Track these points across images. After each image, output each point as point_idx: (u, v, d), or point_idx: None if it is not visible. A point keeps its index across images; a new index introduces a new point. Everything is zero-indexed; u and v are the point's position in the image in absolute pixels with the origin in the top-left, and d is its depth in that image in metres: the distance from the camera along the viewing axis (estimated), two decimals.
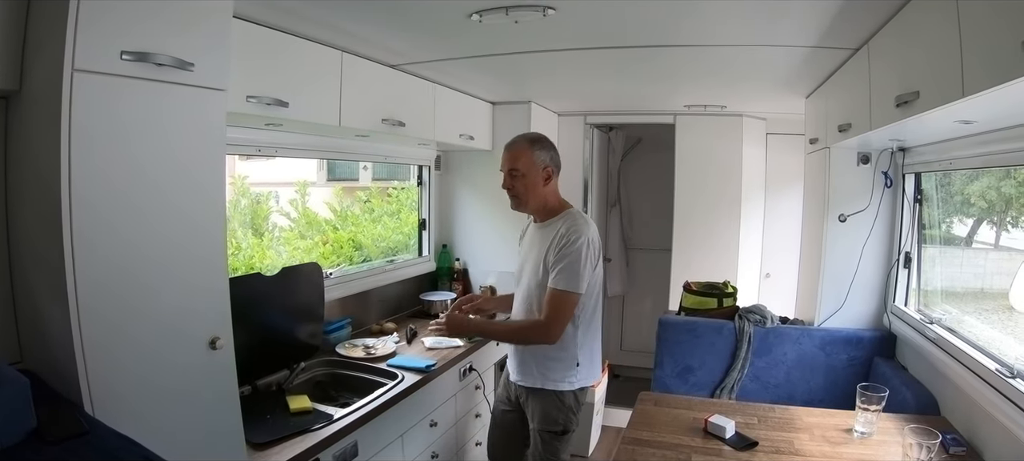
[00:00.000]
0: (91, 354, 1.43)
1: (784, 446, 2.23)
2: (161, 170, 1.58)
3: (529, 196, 2.55)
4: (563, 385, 2.51)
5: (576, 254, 2.38)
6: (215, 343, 1.71)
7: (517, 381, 2.62)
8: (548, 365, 2.51)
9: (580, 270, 2.39)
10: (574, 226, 2.45)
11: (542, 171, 2.54)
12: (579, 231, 2.43)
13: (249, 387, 2.43)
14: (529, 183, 2.53)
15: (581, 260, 2.39)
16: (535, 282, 2.51)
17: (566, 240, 2.41)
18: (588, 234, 2.44)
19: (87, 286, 1.42)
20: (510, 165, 2.53)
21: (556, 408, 2.52)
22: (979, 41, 1.48)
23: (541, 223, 2.60)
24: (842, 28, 2.30)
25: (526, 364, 2.57)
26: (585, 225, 2.48)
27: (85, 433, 1.30)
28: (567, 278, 2.38)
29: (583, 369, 2.55)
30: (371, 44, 2.73)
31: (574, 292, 2.40)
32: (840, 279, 3.19)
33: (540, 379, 2.53)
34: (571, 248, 2.39)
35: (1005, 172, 2.42)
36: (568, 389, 2.52)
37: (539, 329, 2.44)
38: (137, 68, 1.48)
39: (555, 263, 2.40)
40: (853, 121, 2.59)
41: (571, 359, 2.51)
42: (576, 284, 2.39)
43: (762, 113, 4.56)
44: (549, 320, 2.41)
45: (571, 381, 2.52)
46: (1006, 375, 1.97)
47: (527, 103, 4.25)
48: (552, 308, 2.41)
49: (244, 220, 3.33)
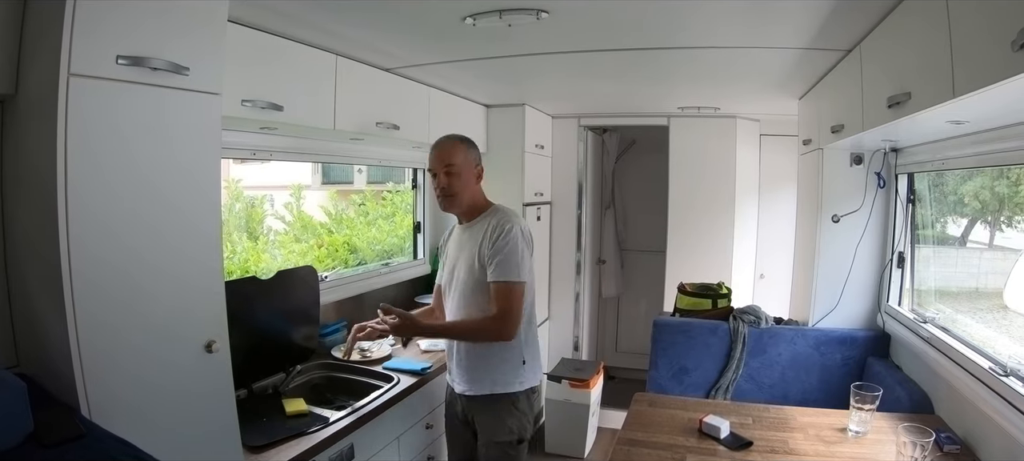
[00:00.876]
0: (88, 358, 1.43)
1: (779, 446, 2.23)
2: (157, 174, 1.58)
3: (464, 194, 2.44)
4: (514, 386, 2.41)
5: (512, 243, 2.31)
6: (211, 346, 1.71)
7: (465, 391, 2.47)
8: (496, 367, 2.41)
9: (519, 259, 2.32)
10: (505, 217, 2.39)
11: (475, 168, 2.48)
12: (511, 221, 2.37)
13: (245, 390, 2.43)
14: (464, 181, 2.44)
15: (518, 249, 2.32)
16: (472, 281, 2.40)
17: (499, 231, 2.33)
18: (520, 224, 2.38)
19: (83, 290, 1.42)
20: (446, 162, 2.41)
21: (509, 414, 2.41)
22: (969, 42, 1.49)
23: (468, 223, 2.51)
24: (834, 30, 2.31)
25: (475, 370, 2.44)
26: (515, 216, 2.42)
27: (82, 436, 1.30)
28: (507, 268, 2.30)
29: (529, 368, 2.46)
30: (365, 47, 2.73)
31: (518, 280, 2.31)
32: (834, 279, 3.20)
33: (489, 384, 2.41)
34: (507, 238, 2.31)
35: (999, 172, 2.43)
36: (519, 390, 2.42)
37: (492, 324, 2.32)
38: (132, 72, 1.48)
39: (492, 256, 2.32)
40: (846, 122, 2.60)
41: (516, 357, 2.42)
42: (518, 272, 2.31)
43: (755, 115, 4.58)
44: (501, 313, 2.30)
45: (521, 381, 2.43)
46: (1000, 373, 1.98)
47: (521, 106, 4.26)
48: (500, 301, 2.30)
49: (239, 223, 3.33)
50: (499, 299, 2.30)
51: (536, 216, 4.58)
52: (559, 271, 5.04)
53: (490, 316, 2.32)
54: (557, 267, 5.04)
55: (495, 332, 2.34)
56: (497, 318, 2.30)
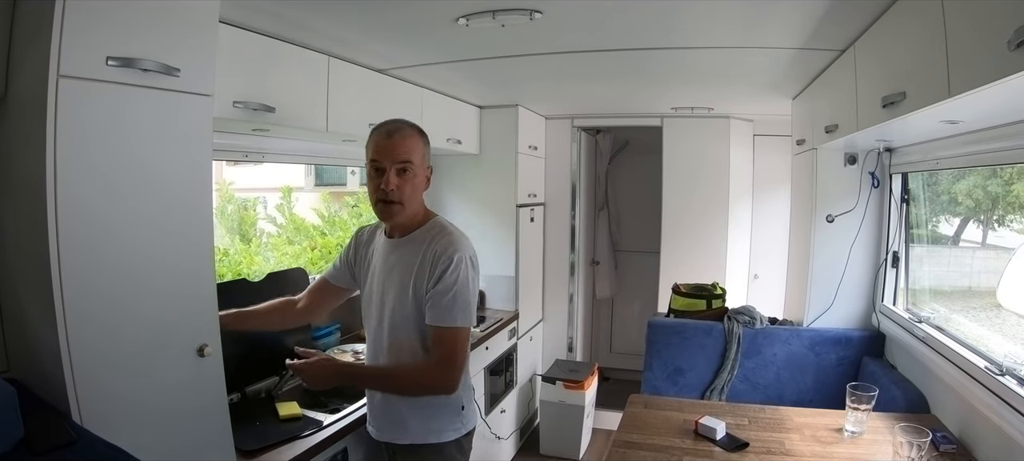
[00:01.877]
0: (78, 363, 1.41)
1: (775, 446, 2.23)
2: (148, 176, 1.56)
3: (414, 200, 2.01)
4: (448, 434, 2.03)
5: (462, 280, 1.91)
6: (203, 350, 1.69)
7: (392, 439, 2.07)
8: (431, 414, 2.02)
9: (470, 299, 1.94)
10: (450, 243, 1.95)
11: (427, 171, 2.06)
12: (458, 249, 1.94)
13: (238, 394, 2.40)
14: (417, 184, 2.00)
15: (468, 287, 1.93)
16: (403, 312, 1.98)
17: (447, 263, 1.90)
18: (467, 252, 1.96)
19: (74, 294, 1.40)
20: (403, 157, 1.94)
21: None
22: (964, 41, 1.49)
23: (400, 238, 2.06)
24: (828, 30, 2.31)
25: (399, 415, 2.03)
26: (462, 239, 2.00)
27: (73, 442, 1.29)
28: (454, 311, 1.90)
29: (468, 411, 2.10)
30: (358, 49, 2.72)
31: (466, 327, 1.94)
32: (828, 279, 3.20)
33: (421, 432, 2.02)
34: (455, 274, 1.90)
35: (991, 171, 2.44)
36: (455, 437, 2.05)
37: (432, 376, 1.94)
38: (123, 74, 1.46)
39: (438, 294, 1.90)
40: (840, 122, 2.60)
41: (456, 402, 2.05)
42: (468, 317, 1.93)
43: (749, 115, 4.59)
44: (444, 363, 1.91)
45: (457, 428, 2.06)
46: (995, 373, 1.98)
47: (514, 107, 4.25)
48: (445, 350, 1.91)
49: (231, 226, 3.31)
50: (441, 345, 1.92)
51: (529, 217, 4.57)
52: (553, 272, 5.04)
53: (430, 365, 1.95)
54: (551, 268, 5.04)
55: (436, 385, 1.96)
56: (435, 369, 1.93)
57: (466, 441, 2.12)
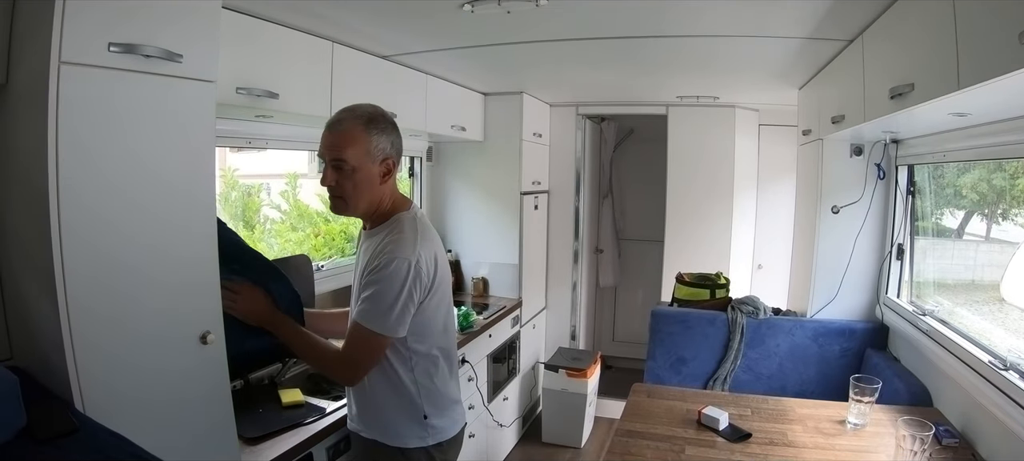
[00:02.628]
0: (81, 351, 1.42)
1: (778, 438, 2.23)
2: (150, 163, 1.56)
3: (359, 198, 1.86)
4: (411, 441, 1.92)
5: (387, 282, 1.76)
6: (206, 338, 1.69)
7: (353, 428, 2.03)
8: (389, 415, 1.93)
9: (387, 304, 1.77)
10: (397, 244, 1.80)
11: (380, 164, 1.86)
12: (400, 251, 1.78)
13: (241, 381, 2.41)
14: (360, 181, 1.83)
15: (391, 291, 1.76)
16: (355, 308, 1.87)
17: (379, 262, 1.78)
18: (411, 256, 1.78)
19: (76, 282, 1.40)
20: (334, 154, 1.81)
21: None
22: (975, 33, 1.47)
23: (370, 230, 1.96)
24: (836, 20, 2.30)
25: (365, 408, 1.97)
26: (410, 241, 1.82)
27: (75, 431, 1.29)
28: (369, 313, 1.78)
29: (435, 422, 1.95)
30: (362, 34, 2.71)
31: (377, 333, 1.78)
32: (833, 271, 3.20)
33: (379, 429, 1.94)
34: (381, 274, 1.76)
35: (996, 164, 2.43)
36: (418, 445, 1.93)
37: (337, 364, 1.88)
38: (125, 60, 1.45)
39: (362, 288, 1.81)
40: (846, 113, 2.59)
41: (415, 410, 1.92)
42: (380, 323, 1.77)
43: (755, 104, 4.56)
44: (345, 357, 1.85)
45: (421, 437, 1.93)
46: (999, 367, 1.97)
47: (519, 94, 4.23)
48: (349, 344, 1.84)
49: (235, 212, 3.31)
50: (349, 340, 1.84)
51: (533, 205, 4.56)
52: (556, 260, 5.04)
53: (337, 355, 1.89)
54: (554, 256, 5.03)
55: (337, 373, 1.94)
56: (340, 360, 1.87)
57: (437, 452, 1.96)
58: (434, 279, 1.87)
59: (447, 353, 2.01)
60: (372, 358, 1.83)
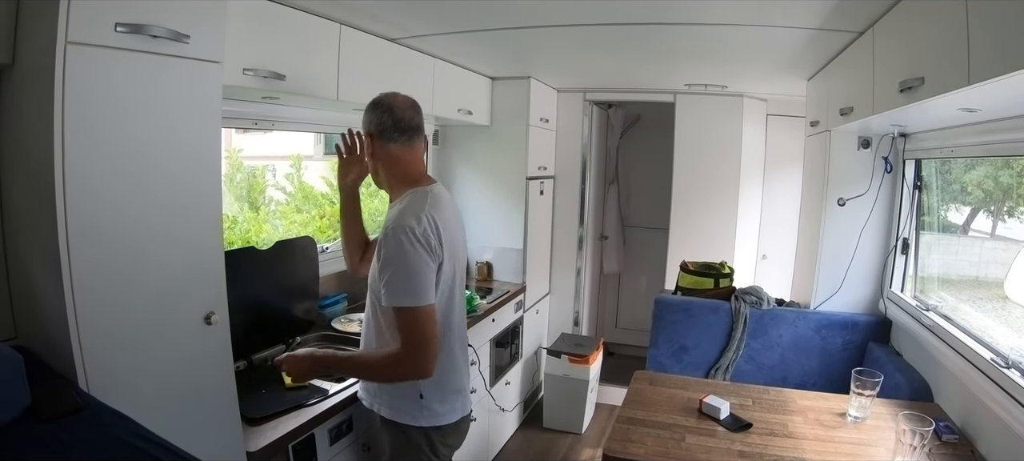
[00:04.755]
0: (85, 330, 1.42)
1: (778, 428, 2.24)
2: (156, 144, 1.56)
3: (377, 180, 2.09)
4: (407, 419, 1.99)
5: (395, 252, 1.81)
6: (210, 318, 1.71)
7: (364, 402, 2.13)
8: (387, 389, 2.02)
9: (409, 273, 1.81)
10: (395, 218, 1.87)
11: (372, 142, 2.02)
12: (397, 224, 1.84)
13: (244, 362, 2.43)
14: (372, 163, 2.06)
15: (404, 260, 1.80)
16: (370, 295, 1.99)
17: (383, 236, 1.86)
18: (404, 229, 1.82)
19: (81, 261, 1.41)
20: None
21: (402, 448, 2.02)
22: (987, 28, 1.46)
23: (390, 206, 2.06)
24: (847, 11, 2.27)
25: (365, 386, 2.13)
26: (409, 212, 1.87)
27: (79, 410, 1.31)
28: (398, 289, 1.81)
29: (431, 404, 1.99)
30: (370, 17, 2.69)
31: (416, 306, 1.81)
32: (837, 263, 3.19)
33: (384, 405, 2.03)
34: (388, 247, 1.82)
35: (1004, 162, 2.41)
36: (412, 425, 1.99)
37: (401, 363, 1.85)
38: (131, 40, 1.45)
39: (381, 272, 1.84)
40: (855, 105, 2.57)
41: (411, 389, 1.97)
42: (413, 295, 1.80)
43: (763, 94, 4.54)
44: (407, 347, 1.82)
45: (415, 416, 1.98)
46: (1001, 365, 1.98)
47: (526, 79, 4.21)
48: (403, 334, 1.82)
49: (240, 194, 3.31)
50: (401, 331, 1.83)
51: (539, 190, 4.55)
52: (561, 246, 5.03)
53: (395, 353, 1.86)
54: (559, 242, 5.03)
55: (405, 370, 1.88)
56: (402, 357, 1.84)
57: (436, 435, 2.02)
58: (442, 243, 1.89)
59: (449, 331, 2.02)
60: (429, 336, 1.83)
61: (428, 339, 1.83)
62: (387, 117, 1.99)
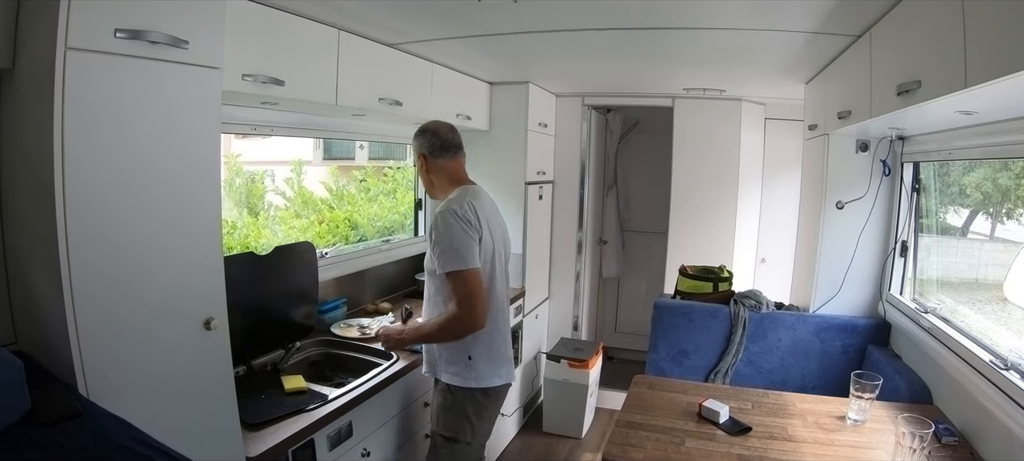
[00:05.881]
0: (85, 335, 1.43)
1: (778, 432, 2.24)
2: (156, 149, 1.56)
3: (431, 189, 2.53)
4: (455, 380, 2.37)
5: (445, 230, 2.23)
6: (210, 324, 1.71)
7: (425, 372, 2.54)
8: (439, 354, 2.42)
9: (457, 245, 2.22)
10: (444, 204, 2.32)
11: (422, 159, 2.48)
12: (444, 207, 2.29)
13: (244, 367, 2.43)
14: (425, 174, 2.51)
15: (453, 235, 2.23)
16: (426, 276, 2.44)
17: (433, 223, 2.28)
18: (446, 211, 2.27)
19: (81, 267, 1.41)
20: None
21: (446, 408, 2.40)
22: (984, 31, 1.46)
23: None
24: (844, 14, 2.28)
25: (429, 350, 2.49)
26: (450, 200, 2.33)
27: (79, 415, 1.30)
28: (449, 258, 2.22)
29: (479, 366, 2.38)
30: (369, 22, 2.70)
31: (463, 269, 2.22)
32: (836, 266, 3.19)
33: (437, 369, 2.44)
34: (437, 226, 2.25)
35: (1002, 164, 2.42)
36: (461, 385, 2.37)
37: (457, 319, 2.23)
38: (131, 46, 1.45)
39: (433, 248, 2.26)
40: (853, 108, 2.57)
41: (460, 351, 2.37)
42: (460, 260, 2.22)
43: (761, 98, 4.54)
44: (460, 305, 2.22)
45: (464, 377, 2.37)
46: (1000, 367, 1.98)
47: (525, 84, 4.22)
48: (455, 294, 2.23)
49: (239, 199, 3.31)
50: (453, 293, 2.24)
51: (538, 195, 4.56)
52: (560, 250, 5.03)
53: (452, 313, 2.25)
54: (558, 246, 5.03)
55: (462, 326, 2.26)
56: (457, 314, 2.23)
57: (481, 397, 2.40)
58: (480, 222, 2.31)
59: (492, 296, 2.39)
60: (478, 292, 2.24)
61: (475, 295, 2.23)
62: (435, 140, 2.45)
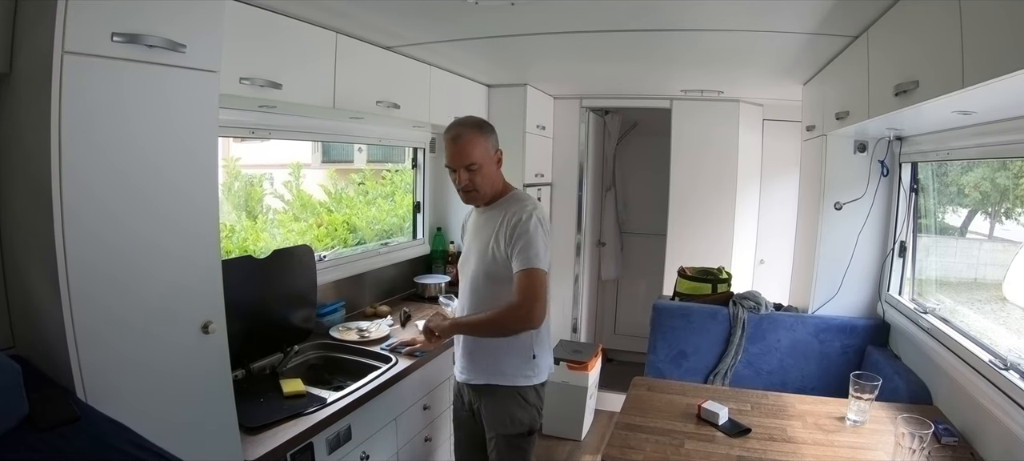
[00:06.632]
0: (83, 339, 1.42)
1: (777, 433, 2.23)
2: (153, 153, 1.57)
3: (487, 187, 2.35)
4: (520, 380, 2.36)
5: (532, 232, 2.22)
6: (208, 327, 1.71)
7: (466, 380, 2.44)
8: (501, 359, 2.35)
9: (538, 247, 2.22)
10: (521, 206, 2.30)
11: (495, 156, 2.36)
12: (527, 210, 2.27)
13: (242, 370, 2.43)
14: (486, 174, 2.32)
15: (537, 237, 2.23)
16: (482, 270, 2.35)
17: (517, 219, 2.24)
18: (537, 213, 2.28)
19: (79, 271, 1.41)
20: (467, 160, 2.28)
21: (517, 406, 2.36)
22: (981, 31, 1.46)
23: (486, 208, 2.42)
24: (841, 15, 2.28)
25: (475, 360, 2.40)
26: (533, 203, 2.34)
27: (77, 419, 1.30)
28: (528, 256, 2.21)
29: (540, 361, 2.41)
30: (366, 25, 2.70)
31: (539, 269, 2.22)
32: (835, 267, 3.19)
33: (495, 375, 2.36)
34: (524, 227, 2.22)
35: (1000, 163, 2.42)
36: (526, 384, 2.37)
37: (517, 313, 2.21)
38: (128, 50, 1.45)
39: (511, 244, 2.24)
40: (851, 109, 2.58)
41: (526, 351, 2.37)
42: (538, 260, 2.22)
43: (759, 99, 4.55)
44: (524, 300, 2.20)
45: (528, 376, 2.37)
46: (999, 367, 1.98)
47: (523, 86, 4.23)
48: (523, 289, 2.21)
49: (238, 202, 3.31)
50: (521, 287, 2.21)
51: (536, 197, 4.55)
52: (559, 252, 5.01)
53: (513, 305, 2.22)
54: (557, 248, 4.99)
55: (520, 321, 2.23)
56: (518, 307, 2.21)
57: (541, 390, 2.43)
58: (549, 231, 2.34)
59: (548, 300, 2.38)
60: (543, 293, 2.26)
61: (540, 296, 2.23)
62: (495, 136, 2.39)
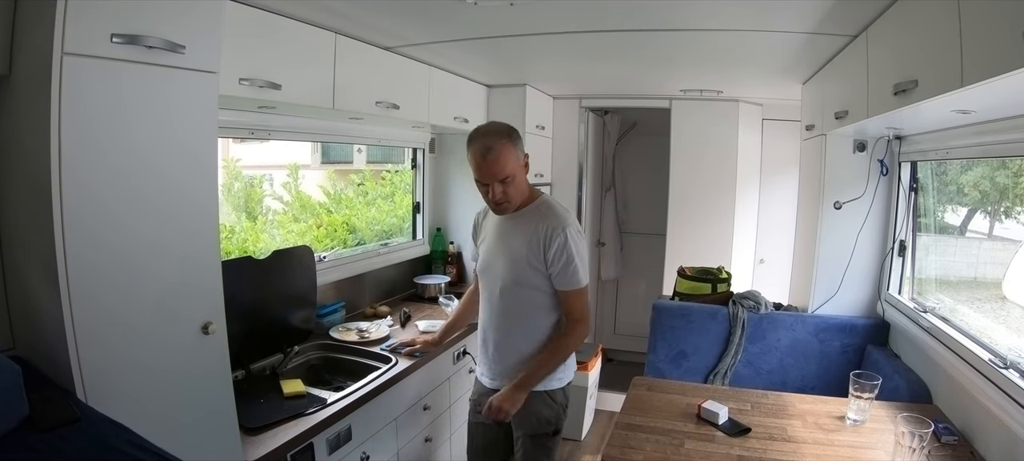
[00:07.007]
0: (83, 340, 1.42)
1: (777, 433, 2.23)
2: (153, 154, 1.57)
3: (519, 195, 2.32)
4: (553, 383, 2.38)
5: (573, 248, 2.25)
6: (207, 328, 1.71)
7: (493, 385, 2.44)
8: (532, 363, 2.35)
9: (580, 264, 2.27)
10: (558, 221, 2.28)
11: (524, 163, 2.33)
12: (564, 223, 2.27)
13: (242, 371, 2.43)
14: (518, 183, 2.28)
15: (577, 254, 2.26)
16: (512, 278, 2.31)
17: (552, 240, 2.24)
18: (571, 228, 2.28)
19: (79, 272, 1.41)
20: (502, 174, 2.22)
21: (546, 407, 2.38)
22: (979, 31, 1.46)
23: (515, 213, 2.37)
24: (840, 15, 2.29)
25: (507, 365, 2.39)
26: (566, 215, 2.33)
27: (77, 420, 1.30)
28: (575, 278, 2.27)
29: (570, 364, 2.47)
30: (365, 26, 2.70)
31: (585, 286, 2.31)
32: (834, 266, 3.19)
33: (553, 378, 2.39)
34: (565, 250, 2.24)
35: (1000, 162, 2.42)
36: (557, 386, 2.40)
37: (579, 332, 2.34)
38: (127, 51, 1.45)
39: (552, 265, 2.25)
40: (850, 108, 2.58)
41: None
42: (583, 278, 2.29)
43: (758, 99, 4.55)
44: (581, 319, 2.32)
45: (560, 378, 2.41)
46: (999, 366, 1.98)
47: (522, 86, 4.22)
48: (577, 309, 2.31)
49: (237, 203, 3.31)
50: (575, 307, 2.32)
51: None
52: None
53: (570, 328, 2.33)
54: None
55: (581, 338, 2.36)
56: (578, 324, 2.33)
57: (567, 390, 2.47)
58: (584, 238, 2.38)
59: None
60: (588, 305, 2.37)
61: (588, 309, 2.35)
62: (521, 140, 2.32)
